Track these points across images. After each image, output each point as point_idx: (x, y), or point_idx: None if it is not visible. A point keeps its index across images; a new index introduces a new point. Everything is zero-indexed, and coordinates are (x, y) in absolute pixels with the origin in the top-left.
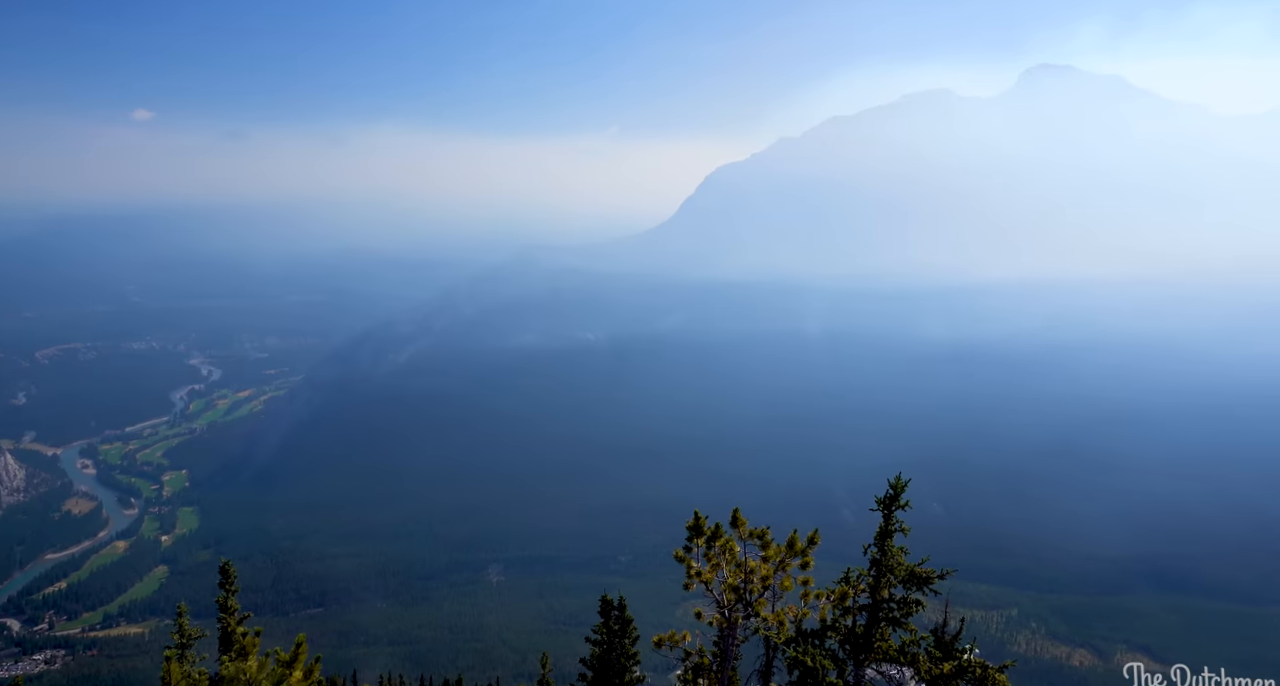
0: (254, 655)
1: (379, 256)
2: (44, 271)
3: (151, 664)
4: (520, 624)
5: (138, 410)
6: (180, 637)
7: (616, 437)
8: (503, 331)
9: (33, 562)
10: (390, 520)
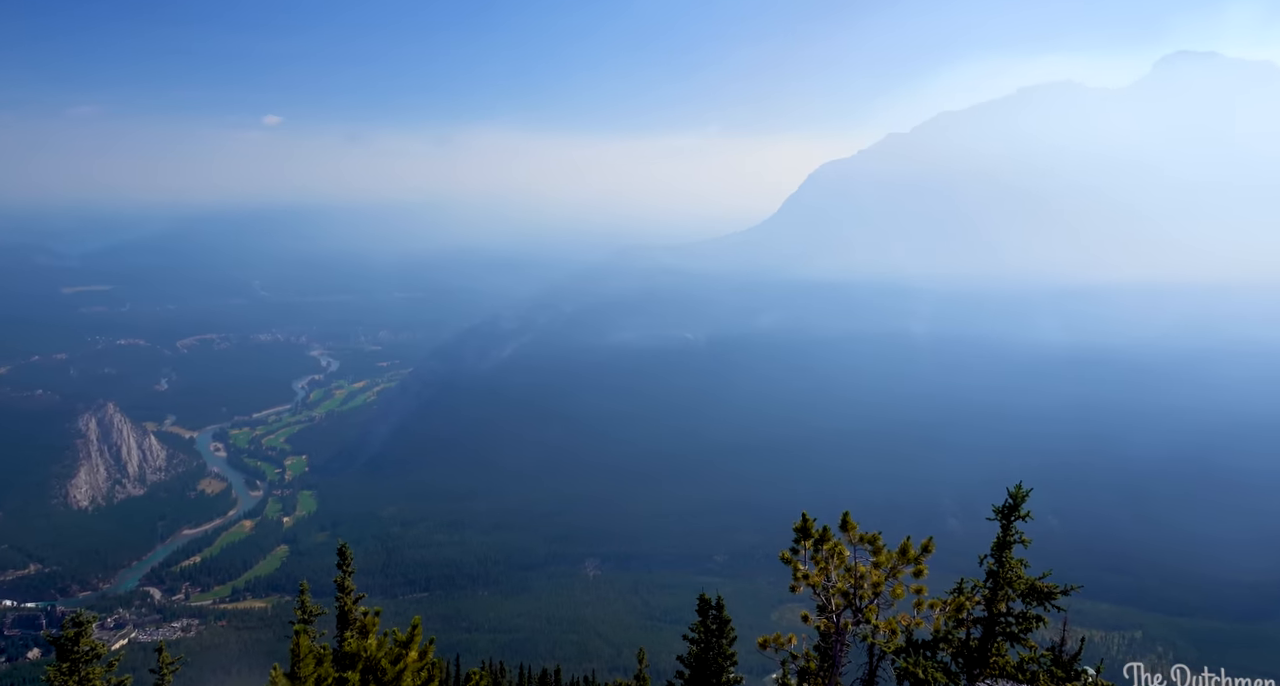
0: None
1: (483, 254)
2: (183, 267)
3: (273, 637)
4: (616, 618)
5: (264, 398)
6: (302, 613)
7: (712, 437)
8: (601, 329)
9: (172, 537)
10: (491, 511)
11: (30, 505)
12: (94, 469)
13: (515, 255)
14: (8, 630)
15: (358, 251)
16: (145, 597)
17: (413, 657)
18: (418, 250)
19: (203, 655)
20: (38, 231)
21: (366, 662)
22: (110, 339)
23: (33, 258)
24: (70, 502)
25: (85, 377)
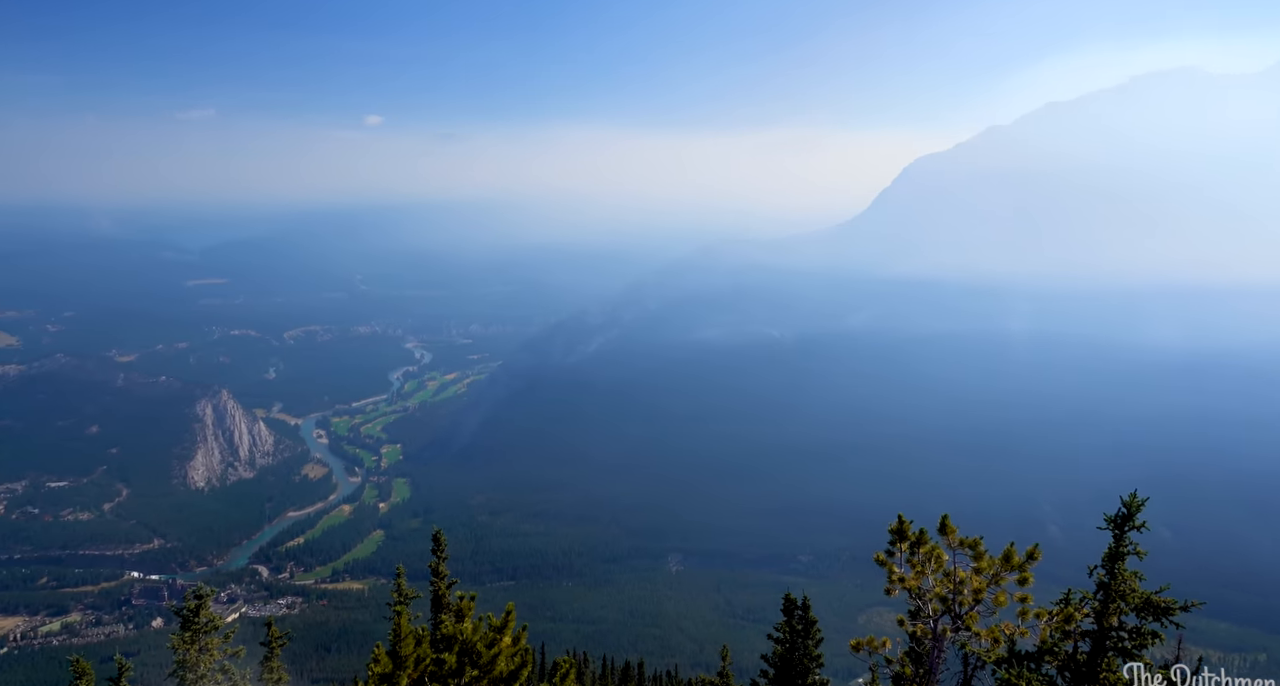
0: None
1: (571, 250)
2: (289, 262)
3: (369, 618)
4: (698, 614)
5: (362, 388)
6: (399, 596)
7: (799, 436)
8: (687, 325)
9: (278, 518)
10: (576, 503)
11: (154, 484)
12: (209, 452)
13: (601, 250)
14: (135, 599)
15: (451, 247)
16: (254, 575)
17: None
18: (508, 245)
19: (306, 632)
20: (162, 229)
21: (463, 645)
22: (225, 329)
23: (159, 254)
24: (189, 483)
25: (203, 365)
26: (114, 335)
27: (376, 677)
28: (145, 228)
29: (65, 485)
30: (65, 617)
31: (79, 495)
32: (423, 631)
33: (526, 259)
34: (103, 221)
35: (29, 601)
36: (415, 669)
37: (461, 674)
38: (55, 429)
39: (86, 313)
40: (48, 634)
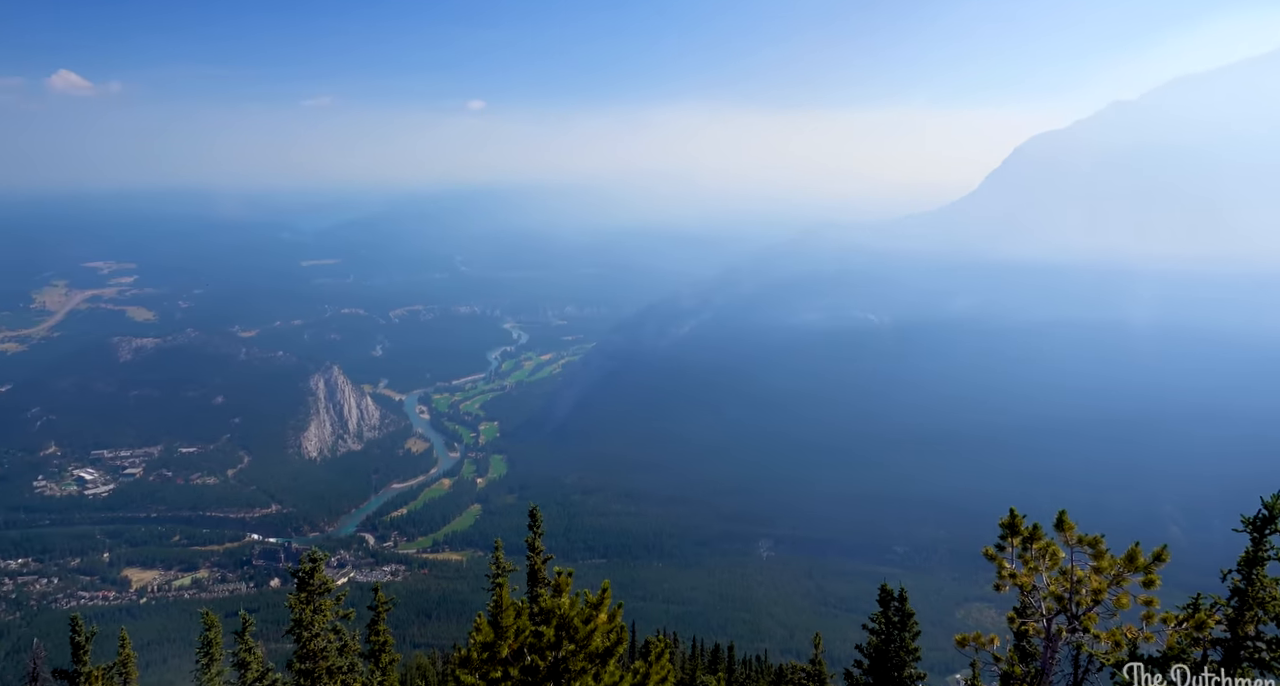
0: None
1: (666, 232)
2: (395, 243)
3: (467, 588)
4: (789, 601)
5: (462, 366)
6: (497, 568)
7: (896, 424)
8: (783, 309)
9: (384, 489)
10: (667, 484)
11: (272, 453)
12: (322, 424)
13: (696, 233)
14: (255, 560)
15: (547, 229)
16: (361, 542)
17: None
18: (603, 228)
19: (408, 599)
20: (282, 211)
21: (560, 619)
22: (336, 308)
23: (278, 235)
24: (303, 453)
25: (316, 342)
26: (237, 311)
27: (478, 646)
28: (267, 210)
29: (194, 451)
30: (195, 573)
31: (206, 460)
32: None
33: (621, 241)
34: (228, 205)
35: (164, 557)
36: (515, 639)
37: (559, 647)
38: (186, 398)
39: (214, 290)
40: (180, 587)
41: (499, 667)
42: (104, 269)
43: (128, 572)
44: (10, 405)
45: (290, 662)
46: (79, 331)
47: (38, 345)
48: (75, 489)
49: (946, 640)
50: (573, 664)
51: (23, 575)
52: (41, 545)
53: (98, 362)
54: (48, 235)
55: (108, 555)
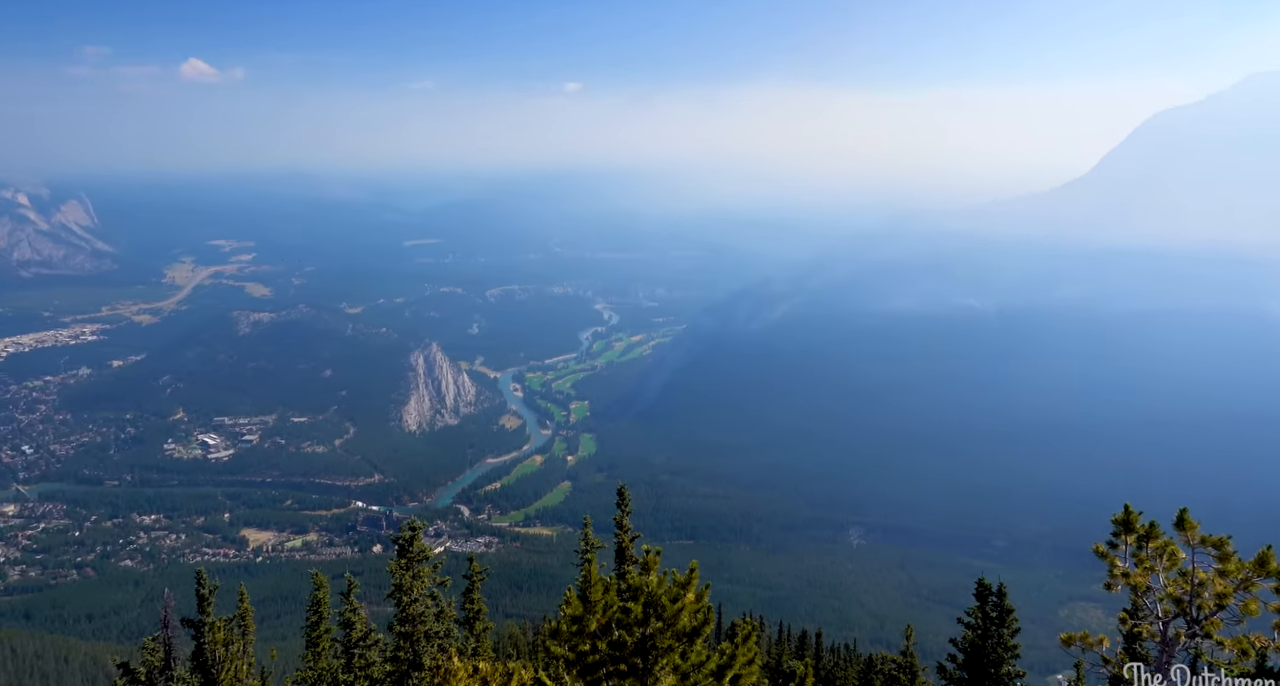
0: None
1: (757, 215)
2: (492, 224)
3: (556, 563)
4: (879, 590)
5: (555, 345)
6: (586, 545)
7: (995, 414)
8: (878, 294)
9: (478, 463)
10: (755, 468)
11: (375, 425)
12: (421, 399)
13: (788, 217)
14: (359, 526)
15: (639, 210)
16: (457, 514)
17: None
18: (694, 210)
19: (500, 570)
20: (387, 192)
21: (648, 597)
22: (435, 286)
23: (383, 216)
24: (403, 426)
25: (416, 319)
26: (345, 289)
27: (568, 618)
28: (373, 191)
29: (305, 420)
30: (305, 536)
31: (315, 430)
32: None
33: (712, 223)
34: (338, 187)
35: (278, 520)
36: (603, 614)
37: (646, 624)
38: (298, 371)
39: (324, 267)
40: (291, 548)
41: (588, 641)
42: (226, 247)
43: (245, 532)
44: (145, 372)
45: (391, 625)
46: (204, 305)
47: (168, 317)
48: (200, 452)
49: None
50: (659, 641)
51: (155, 530)
52: (171, 503)
53: (220, 335)
54: (176, 215)
55: (228, 515)
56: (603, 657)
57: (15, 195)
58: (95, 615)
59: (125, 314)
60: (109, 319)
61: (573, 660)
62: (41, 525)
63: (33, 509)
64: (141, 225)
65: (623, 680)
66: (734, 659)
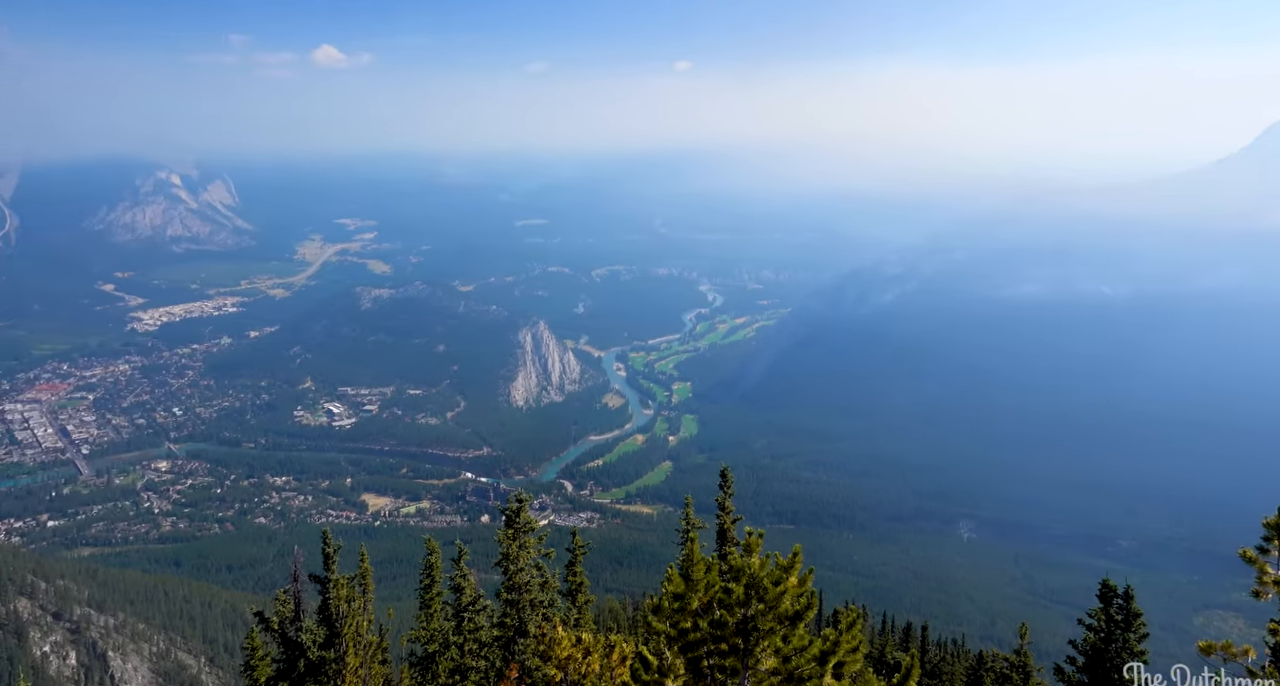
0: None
1: (870, 196)
2: (599, 204)
3: (656, 541)
4: (991, 586)
5: (658, 326)
6: (687, 524)
7: (1128, 406)
8: (998, 279)
9: (581, 440)
10: (860, 456)
11: (484, 399)
12: (528, 375)
13: (905, 198)
14: (469, 496)
15: (745, 191)
16: (560, 488)
17: (793, 583)
18: (803, 191)
19: (601, 546)
20: (499, 173)
21: (750, 578)
22: (544, 266)
23: (496, 196)
24: (510, 401)
25: (525, 298)
26: (459, 267)
27: (670, 595)
28: (487, 172)
29: (420, 393)
30: (418, 503)
31: (429, 403)
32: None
33: (820, 205)
34: (453, 168)
35: (394, 486)
36: (705, 593)
37: (748, 605)
38: (413, 345)
39: (439, 246)
40: (405, 514)
41: (689, 618)
42: (351, 225)
43: (365, 497)
44: (278, 343)
45: (498, 592)
46: (330, 281)
47: (299, 291)
48: (325, 420)
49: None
50: (761, 623)
51: (285, 491)
52: (299, 467)
53: (344, 309)
54: (307, 194)
55: (349, 480)
56: (704, 636)
57: (170, 176)
58: (234, 566)
59: (261, 288)
60: (247, 292)
61: (674, 636)
62: (189, 481)
63: (181, 466)
64: (276, 204)
65: (723, 659)
66: (838, 645)
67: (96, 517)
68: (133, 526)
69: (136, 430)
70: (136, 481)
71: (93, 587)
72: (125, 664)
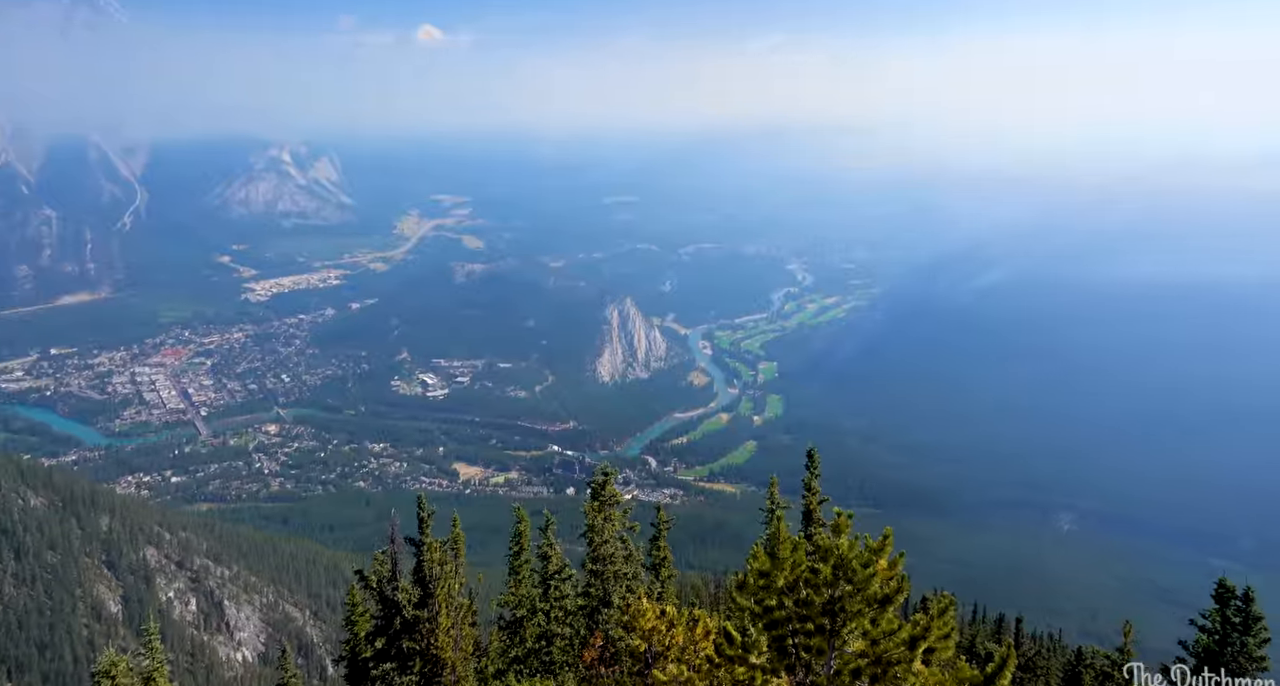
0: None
1: (974, 173)
2: (687, 182)
3: (739, 520)
4: (1093, 582)
5: (745, 305)
6: (772, 504)
7: (1255, 398)
8: (1113, 259)
9: (665, 417)
10: (952, 441)
11: (571, 374)
12: (614, 352)
13: (1014, 173)
14: (555, 469)
15: (839, 169)
16: (644, 464)
17: (883, 565)
18: (902, 167)
19: (684, 523)
20: (590, 150)
21: (838, 559)
22: (632, 243)
23: (585, 172)
24: (597, 376)
25: (613, 275)
26: (548, 243)
27: (755, 573)
28: (577, 149)
29: (509, 366)
30: (506, 474)
31: (518, 376)
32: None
33: (921, 181)
34: (545, 145)
35: (484, 456)
36: (791, 572)
37: (835, 585)
38: (504, 319)
39: (530, 223)
40: (494, 484)
41: (774, 596)
42: (446, 201)
43: (456, 466)
44: (377, 315)
45: (584, 562)
46: (427, 255)
47: (397, 265)
48: (420, 390)
49: None
50: (849, 605)
51: (382, 457)
52: (395, 434)
53: (439, 283)
54: (405, 171)
55: (442, 449)
56: (789, 614)
57: (281, 153)
58: (335, 526)
59: (362, 262)
60: (349, 266)
61: (758, 613)
62: (295, 445)
63: (288, 430)
64: (376, 180)
65: (809, 638)
66: (929, 631)
67: (213, 475)
68: (245, 485)
69: (249, 395)
70: (249, 443)
71: (210, 540)
72: (239, 612)
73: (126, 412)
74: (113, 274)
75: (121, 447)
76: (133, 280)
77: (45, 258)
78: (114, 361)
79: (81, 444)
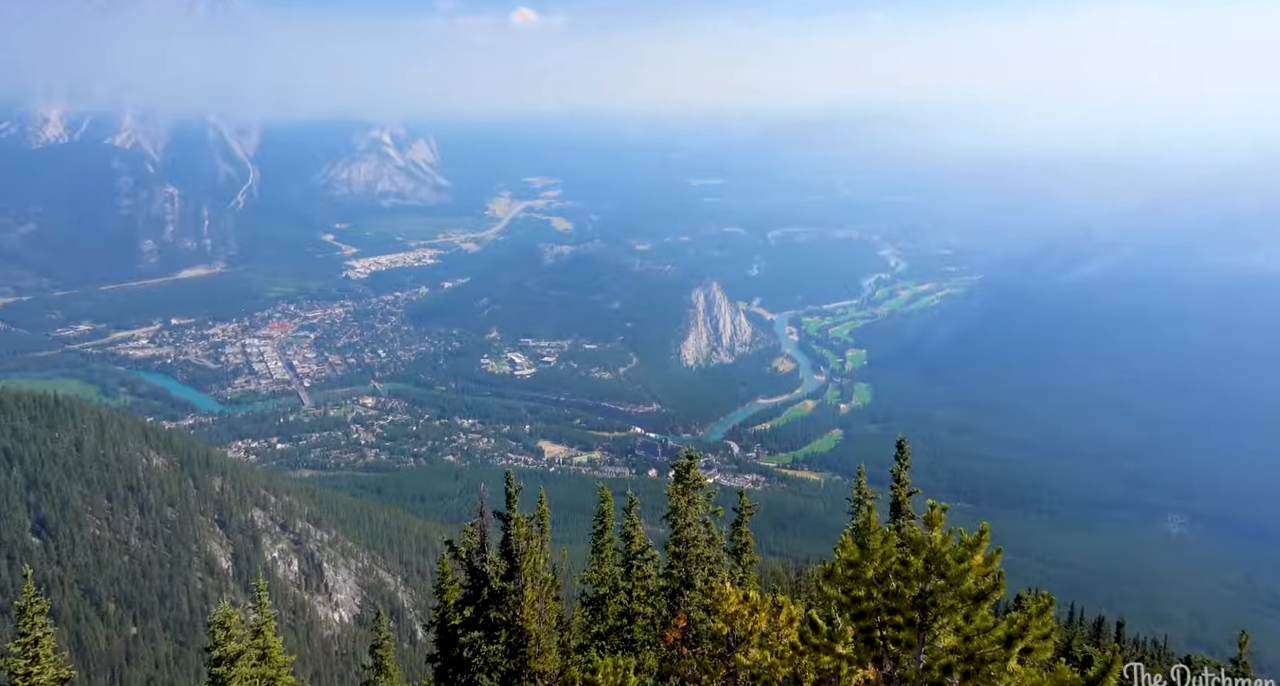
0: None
1: (1078, 155)
2: (776, 164)
3: (822, 508)
4: (1203, 589)
5: (834, 291)
6: (859, 494)
7: None
8: (1237, 248)
9: (749, 402)
10: (1052, 436)
11: (655, 357)
12: (699, 335)
13: (1122, 157)
14: (637, 450)
15: (937, 152)
16: (727, 449)
17: (978, 561)
18: (1003, 149)
19: (765, 509)
20: (676, 132)
21: (931, 552)
22: (719, 226)
23: (671, 156)
24: (681, 360)
25: (698, 258)
26: (635, 225)
27: (844, 562)
28: (666, 131)
29: (594, 348)
30: (590, 453)
31: (602, 357)
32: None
33: (1024, 164)
34: (633, 127)
35: (568, 436)
36: (880, 563)
37: (927, 579)
38: (590, 301)
39: (618, 205)
40: (578, 463)
41: (863, 587)
42: (536, 183)
43: (542, 444)
44: (469, 294)
45: (666, 544)
46: (517, 236)
47: (488, 246)
48: (508, 369)
49: None
50: (941, 599)
51: (471, 433)
52: (484, 411)
53: (528, 264)
54: (497, 153)
55: (528, 427)
56: (877, 606)
57: (381, 135)
58: (426, 497)
59: (455, 242)
60: (443, 245)
61: (845, 603)
62: (390, 418)
63: (384, 403)
64: (470, 162)
65: (898, 632)
66: (1026, 629)
67: (314, 444)
68: (344, 454)
69: (348, 368)
70: (348, 414)
71: (311, 505)
72: (336, 575)
73: (237, 381)
74: (226, 250)
75: (232, 414)
76: (244, 256)
77: (168, 233)
78: (226, 333)
79: (197, 409)
